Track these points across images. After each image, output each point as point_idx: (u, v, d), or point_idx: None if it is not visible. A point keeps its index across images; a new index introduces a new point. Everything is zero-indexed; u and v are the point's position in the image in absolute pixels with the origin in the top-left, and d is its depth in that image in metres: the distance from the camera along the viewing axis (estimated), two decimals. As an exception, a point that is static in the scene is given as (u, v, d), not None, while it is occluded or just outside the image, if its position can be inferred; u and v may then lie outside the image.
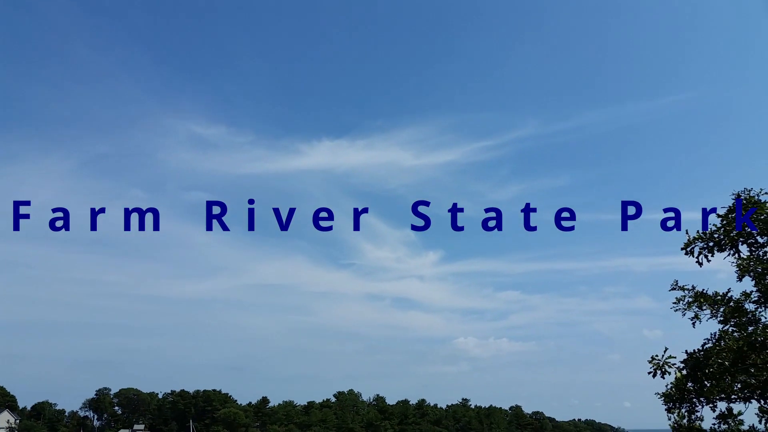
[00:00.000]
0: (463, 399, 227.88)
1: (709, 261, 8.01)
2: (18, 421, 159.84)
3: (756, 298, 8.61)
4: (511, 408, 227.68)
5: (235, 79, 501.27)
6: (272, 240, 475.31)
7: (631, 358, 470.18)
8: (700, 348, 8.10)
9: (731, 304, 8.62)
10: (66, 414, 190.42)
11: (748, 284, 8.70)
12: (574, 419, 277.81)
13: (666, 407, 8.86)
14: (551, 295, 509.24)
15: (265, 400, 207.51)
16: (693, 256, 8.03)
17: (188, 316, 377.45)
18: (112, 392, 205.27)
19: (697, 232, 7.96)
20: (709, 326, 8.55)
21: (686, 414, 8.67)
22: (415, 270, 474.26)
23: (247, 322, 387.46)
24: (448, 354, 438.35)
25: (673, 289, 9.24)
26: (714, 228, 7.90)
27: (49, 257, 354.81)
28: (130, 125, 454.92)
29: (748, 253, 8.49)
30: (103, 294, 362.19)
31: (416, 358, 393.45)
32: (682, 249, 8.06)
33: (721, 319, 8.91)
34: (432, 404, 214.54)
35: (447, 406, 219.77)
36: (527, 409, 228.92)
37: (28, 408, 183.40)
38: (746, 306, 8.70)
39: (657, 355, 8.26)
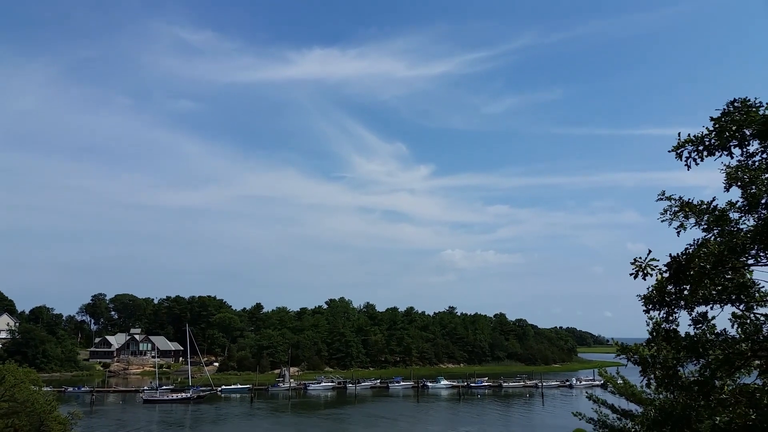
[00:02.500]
0: (449, 307, 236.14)
1: (697, 164, 8.04)
2: (17, 324, 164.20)
3: (741, 207, 8.72)
4: (495, 315, 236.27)
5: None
6: (262, 151, 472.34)
7: (613, 270, 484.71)
8: (683, 252, 8.29)
9: (716, 212, 8.73)
10: (63, 318, 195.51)
11: (734, 195, 8.78)
12: (555, 327, 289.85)
13: (645, 309, 9.13)
14: (539, 209, 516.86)
15: (258, 306, 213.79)
16: (682, 159, 8.06)
17: (181, 225, 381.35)
18: (107, 298, 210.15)
19: (689, 135, 7.96)
20: (694, 236, 8.72)
21: (664, 316, 8.96)
22: (406, 183, 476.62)
23: (240, 233, 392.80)
24: (436, 265, 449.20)
25: (660, 199, 9.32)
26: (706, 131, 7.88)
27: (39, 165, 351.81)
28: (114, 30, 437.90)
29: (737, 163, 8.53)
30: (95, 202, 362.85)
31: (405, 268, 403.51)
32: (671, 151, 8.08)
33: (705, 227, 9.04)
34: (420, 311, 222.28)
35: (434, 313, 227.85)
36: (511, 317, 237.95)
37: (27, 312, 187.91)
38: (730, 215, 8.81)
39: (640, 258, 8.46)
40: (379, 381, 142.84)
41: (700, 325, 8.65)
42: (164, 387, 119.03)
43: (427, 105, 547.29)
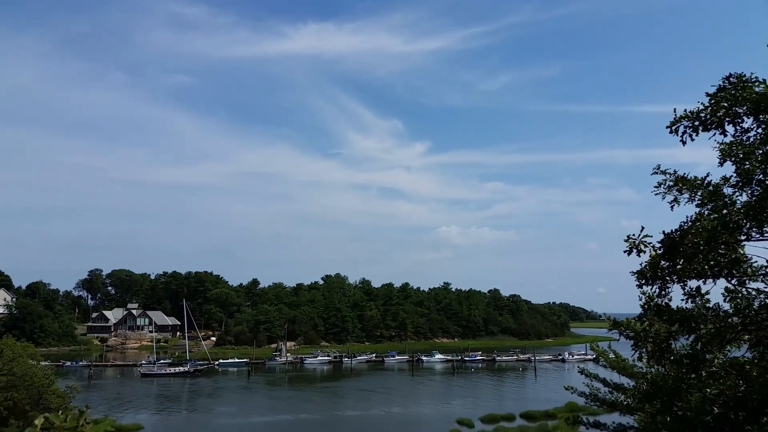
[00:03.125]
0: (444, 283, 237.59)
1: (693, 140, 8.06)
2: (14, 299, 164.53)
3: (734, 182, 8.76)
4: (489, 291, 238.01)
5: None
6: (257, 127, 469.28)
7: (607, 246, 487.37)
8: (677, 228, 8.34)
9: (710, 188, 8.76)
10: (60, 293, 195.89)
11: (728, 170, 8.80)
12: (549, 302, 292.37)
13: (638, 284, 9.20)
14: (535, 186, 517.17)
15: (255, 282, 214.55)
16: (677, 135, 8.07)
17: (176, 201, 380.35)
18: (104, 273, 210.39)
19: (684, 110, 7.96)
20: (687, 212, 8.77)
21: (657, 290, 9.03)
22: (402, 160, 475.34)
23: (235, 209, 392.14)
24: (432, 242, 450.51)
25: (655, 173, 9.35)
26: (702, 107, 7.88)
27: (33, 141, 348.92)
28: (107, 3, 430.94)
29: (732, 138, 8.55)
30: (90, 179, 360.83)
31: (401, 245, 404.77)
32: (667, 127, 8.09)
33: (699, 202, 9.09)
34: (415, 287, 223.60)
35: (429, 289, 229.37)
36: (505, 293, 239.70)
37: (23, 287, 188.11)
38: (724, 190, 8.85)
39: (633, 235, 8.51)
40: (374, 355, 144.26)
41: (694, 300, 8.74)
42: (162, 361, 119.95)
43: (423, 81, 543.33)
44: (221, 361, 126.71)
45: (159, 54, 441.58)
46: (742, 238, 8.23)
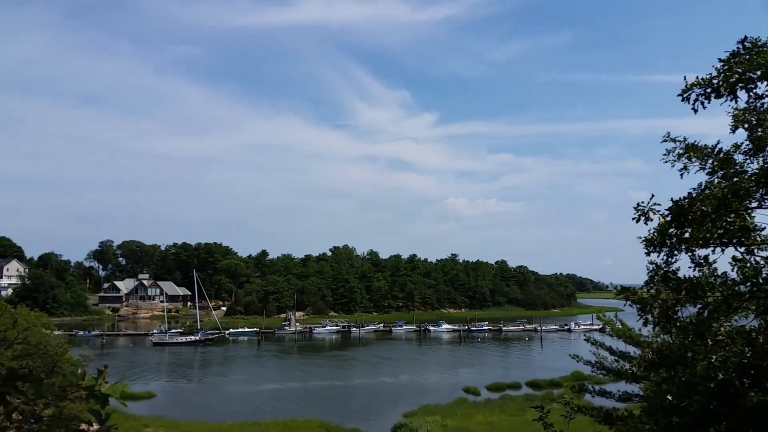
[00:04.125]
0: (452, 254, 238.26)
1: (704, 108, 7.94)
2: (27, 269, 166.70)
3: (746, 150, 8.66)
4: (496, 262, 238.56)
5: None
6: (265, 98, 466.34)
7: (615, 218, 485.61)
8: (686, 196, 8.29)
9: (721, 155, 8.67)
10: (72, 264, 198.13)
11: (740, 137, 8.69)
12: (556, 273, 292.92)
13: (646, 251, 9.19)
14: (543, 157, 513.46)
15: (264, 253, 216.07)
16: (689, 103, 7.95)
17: (184, 173, 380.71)
18: (114, 244, 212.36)
19: (696, 77, 7.83)
20: (697, 181, 8.70)
21: (665, 258, 9.02)
22: (410, 131, 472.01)
23: (244, 181, 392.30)
24: (439, 213, 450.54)
25: (665, 140, 9.25)
26: (714, 73, 7.75)
27: (40, 113, 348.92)
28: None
29: (745, 105, 8.42)
30: (98, 150, 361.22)
31: (408, 216, 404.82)
32: (678, 95, 7.96)
33: (709, 170, 9.00)
34: (423, 259, 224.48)
35: (437, 260, 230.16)
36: (512, 264, 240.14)
37: (35, 258, 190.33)
38: (735, 157, 8.75)
39: (642, 202, 8.47)
40: (382, 325, 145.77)
41: (702, 268, 8.73)
42: (173, 330, 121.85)
43: (431, 51, 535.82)
44: (232, 330, 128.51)
45: (164, 23, 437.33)
46: (753, 205, 8.17)
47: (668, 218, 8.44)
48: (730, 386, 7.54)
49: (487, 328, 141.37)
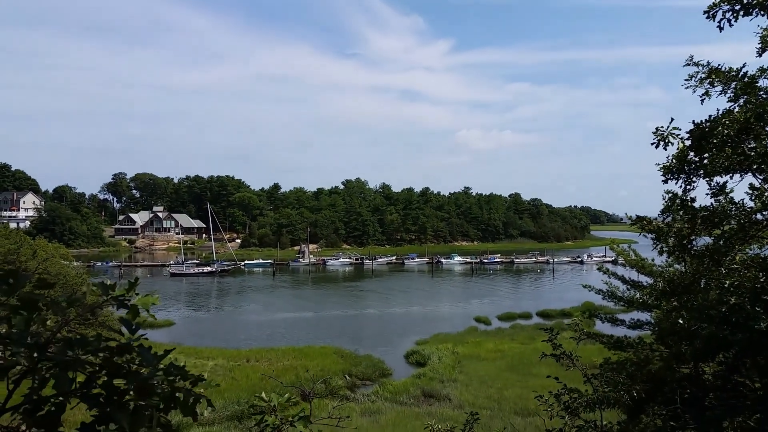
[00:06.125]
0: (465, 187, 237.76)
1: (731, 26, 7.53)
2: (43, 202, 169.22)
3: (773, 72, 8.30)
4: (510, 195, 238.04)
5: None
6: (274, 26, 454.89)
7: (631, 149, 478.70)
8: (707, 119, 8.03)
9: (745, 79, 8.31)
10: (86, 197, 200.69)
11: (767, 61, 8.31)
12: (570, 206, 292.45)
13: (664, 179, 9.02)
14: (561, 86, 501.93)
15: (276, 186, 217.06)
16: (714, 21, 7.54)
17: (194, 104, 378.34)
18: (128, 177, 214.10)
19: (723, -8, 7.39)
20: (717, 108, 8.38)
21: (683, 186, 8.85)
22: (423, 60, 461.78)
23: (253, 113, 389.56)
24: (452, 146, 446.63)
25: (687, 64, 8.88)
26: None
27: (51, 45, 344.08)
28: None
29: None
30: (108, 82, 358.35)
31: (420, 150, 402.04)
32: (704, 12, 7.55)
33: (732, 96, 8.67)
34: (435, 192, 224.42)
35: (450, 193, 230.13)
36: (526, 197, 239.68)
37: (50, 191, 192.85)
38: (760, 82, 8.40)
39: (662, 126, 8.23)
40: (394, 257, 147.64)
41: (718, 197, 8.57)
42: (190, 261, 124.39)
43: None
44: (247, 262, 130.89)
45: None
46: (777, 130, 7.89)
47: (688, 143, 8.21)
48: (741, 311, 7.54)
49: (499, 260, 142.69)
